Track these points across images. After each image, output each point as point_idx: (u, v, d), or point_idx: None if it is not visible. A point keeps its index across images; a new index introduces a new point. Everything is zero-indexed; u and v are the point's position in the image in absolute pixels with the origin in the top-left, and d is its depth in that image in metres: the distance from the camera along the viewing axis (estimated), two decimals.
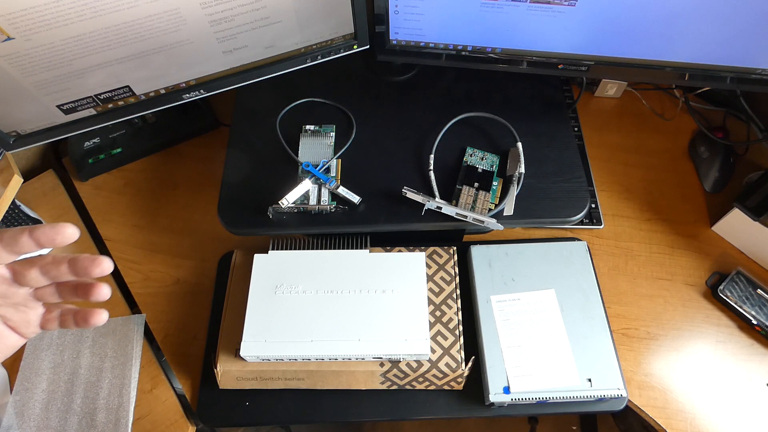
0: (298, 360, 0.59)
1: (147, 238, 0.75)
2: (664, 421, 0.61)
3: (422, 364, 0.59)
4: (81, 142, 0.80)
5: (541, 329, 0.61)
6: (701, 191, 0.77)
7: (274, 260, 0.63)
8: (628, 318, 0.68)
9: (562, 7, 0.58)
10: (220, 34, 0.61)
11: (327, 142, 0.68)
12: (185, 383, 0.65)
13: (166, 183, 0.79)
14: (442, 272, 0.65)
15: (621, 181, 0.78)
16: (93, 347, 0.66)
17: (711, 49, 0.60)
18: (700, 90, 0.84)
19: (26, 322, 0.37)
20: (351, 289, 0.61)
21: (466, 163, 0.66)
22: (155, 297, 0.71)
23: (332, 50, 0.70)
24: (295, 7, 0.62)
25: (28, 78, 0.57)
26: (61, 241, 0.33)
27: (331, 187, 0.63)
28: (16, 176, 0.66)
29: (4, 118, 0.61)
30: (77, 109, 0.64)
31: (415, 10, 0.62)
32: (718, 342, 0.66)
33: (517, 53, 0.65)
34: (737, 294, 0.67)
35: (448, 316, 0.62)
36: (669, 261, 0.72)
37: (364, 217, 0.63)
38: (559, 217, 0.63)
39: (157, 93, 0.67)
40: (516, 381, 0.58)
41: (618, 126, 0.84)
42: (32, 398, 0.62)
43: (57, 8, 0.51)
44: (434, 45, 0.67)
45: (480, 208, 0.62)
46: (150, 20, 0.56)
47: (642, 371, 0.64)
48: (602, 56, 0.64)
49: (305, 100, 0.72)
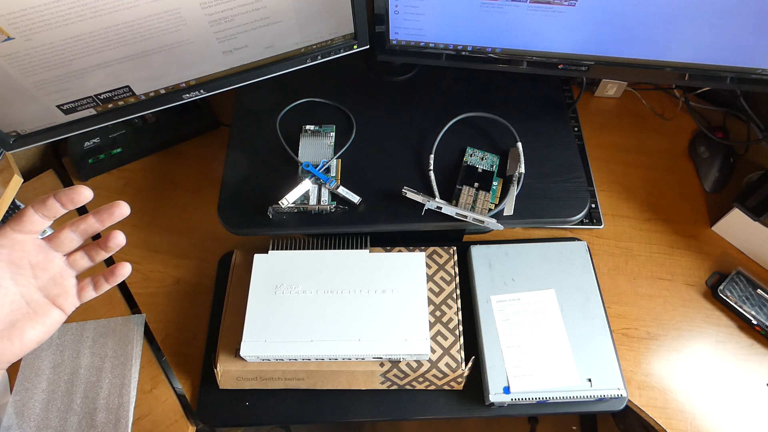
0: (298, 360, 0.59)
1: (147, 238, 0.75)
2: (664, 421, 0.61)
3: (422, 364, 0.59)
4: (81, 142, 0.80)
5: (541, 329, 0.61)
6: (701, 191, 0.77)
7: (274, 260, 0.63)
8: (628, 318, 0.68)
9: (562, 7, 0.58)
10: (220, 34, 0.61)
11: (327, 142, 0.68)
12: (185, 383, 0.65)
13: (166, 183, 0.79)
14: (442, 272, 0.65)
15: (621, 181, 0.78)
16: (93, 347, 0.66)
17: (711, 49, 0.60)
18: (700, 90, 0.84)
19: (65, 294, 0.39)
20: (351, 289, 0.61)
21: (466, 163, 0.66)
22: (155, 297, 0.71)
23: (332, 50, 0.70)
24: (295, 7, 0.62)
25: (28, 78, 0.57)
26: (78, 201, 0.37)
27: (331, 187, 0.63)
28: (16, 176, 0.66)
29: (4, 118, 0.61)
30: (77, 109, 0.64)
31: (415, 10, 0.62)
32: (718, 342, 0.66)
33: (517, 53, 0.65)
34: (737, 294, 0.67)
35: (448, 316, 0.62)
36: (669, 261, 0.72)
37: (364, 217, 0.63)
38: (559, 217, 0.63)
39: (157, 93, 0.67)
40: (516, 381, 0.58)
41: (618, 126, 0.84)
42: (32, 398, 0.62)
43: (57, 8, 0.51)
44: (434, 45, 0.67)
45: (480, 208, 0.62)
46: (150, 20, 0.56)
47: (642, 371, 0.64)
48: (602, 56, 0.64)
49: (305, 100, 0.72)
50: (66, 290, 0.39)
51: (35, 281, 0.38)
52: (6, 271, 0.37)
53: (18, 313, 0.37)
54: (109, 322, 0.68)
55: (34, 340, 0.37)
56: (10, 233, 0.37)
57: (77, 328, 0.67)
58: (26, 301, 0.37)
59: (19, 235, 0.37)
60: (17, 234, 0.37)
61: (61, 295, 0.39)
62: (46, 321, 0.38)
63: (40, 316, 0.38)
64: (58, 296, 0.39)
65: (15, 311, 0.37)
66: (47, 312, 0.38)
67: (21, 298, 0.37)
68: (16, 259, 0.37)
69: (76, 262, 0.40)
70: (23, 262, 0.37)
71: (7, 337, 0.36)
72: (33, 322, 0.37)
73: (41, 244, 0.38)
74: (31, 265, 0.38)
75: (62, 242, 0.39)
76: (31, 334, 0.37)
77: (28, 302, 0.37)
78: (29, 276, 0.38)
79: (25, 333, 0.37)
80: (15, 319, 0.37)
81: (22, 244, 0.37)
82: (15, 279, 0.37)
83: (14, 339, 0.36)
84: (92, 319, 0.68)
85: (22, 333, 0.37)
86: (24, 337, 0.37)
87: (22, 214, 0.37)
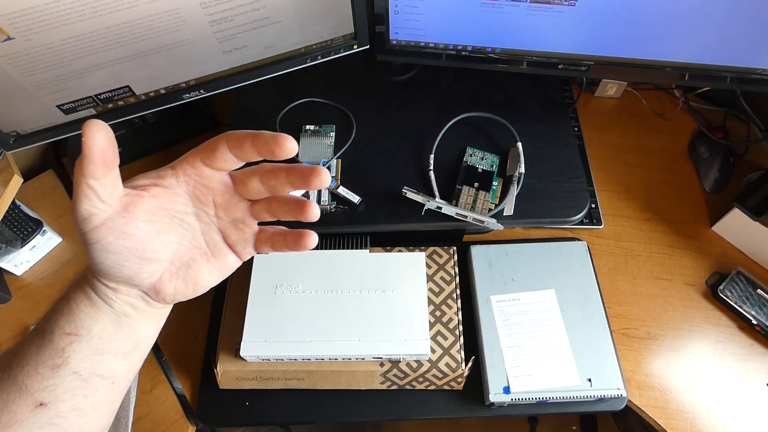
0: (298, 360, 0.59)
1: None
2: (664, 421, 0.61)
3: (422, 364, 0.59)
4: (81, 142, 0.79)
5: (541, 329, 0.61)
6: (701, 191, 0.77)
7: (274, 260, 0.63)
8: (628, 318, 0.68)
9: (562, 7, 0.58)
10: (220, 34, 0.61)
11: (327, 142, 0.68)
12: (185, 383, 0.65)
13: None
14: (442, 272, 0.65)
15: (621, 181, 0.78)
16: None
17: (711, 49, 0.60)
18: (700, 90, 0.84)
19: (243, 241, 0.35)
20: (351, 289, 0.61)
21: (466, 163, 0.66)
22: None
23: (332, 50, 0.70)
24: (295, 7, 0.62)
25: (28, 78, 0.57)
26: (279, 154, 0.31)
27: (331, 187, 0.63)
28: (16, 176, 0.66)
29: (4, 118, 0.61)
30: (77, 109, 0.64)
31: (415, 10, 0.62)
32: (718, 342, 0.66)
33: (517, 53, 0.65)
34: (737, 294, 0.67)
35: (448, 316, 0.62)
36: (669, 261, 0.72)
37: (364, 217, 0.63)
38: (559, 217, 0.63)
39: (157, 93, 0.67)
40: (516, 381, 0.58)
41: (618, 126, 0.84)
42: None
43: (57, 8, 0.51)
44: (434, 45, 0.67)
45: (480, 208, 0.62)
46: (150, 20, 0.56)
47: (642, 371, 0.64)
48: (602, 56, 0.64)
49: (305, 100, 0.72)
50: (245, 237, 0.35)
51: (217, 221, 0.34)
52: (190, 205, 0.33)
53: (195, 251, 0.34)
54: None
55: (207, 284, 0.34)
56: (199, 164, 0.33)
57: None
58: (206, 240, 0.34)
59: (206, 169, 0.33)
60: (205, 168, 0.33)
61: (240, 242, 0.35)
62: (222, 266, 0.35)
63: (217, 259, 0.35)
64: (237, 242, 0.35)
65: (193, 249, 0.34)
66: (224, 256, 0.35)
67: (201, 236, 0.34)
68: (201, 195, 0.33)
69: (259, 213, 0.35)
70: (208, 198, 0.34)
71: (182, 277, 0.33)
72: (209, 264, 0.34)
73: (228, 184, 0.34)
74: (215, 204, 0.34)
75: (249, 189, 0.34)
76: (206, 277, 0.34)
77: (207, 242, 0.34)
78: (212, 215, 0.34)
79: (200, 275, 0.34)
80: (192, 258, 0.34)
81: (209, 179, 0.34)
82: (198, 215, 0.34)
83: (188, 280, 0.33)
84: None
85: (196, 275, 0.34)
86: (198, 279, 0.34)
87: (215, 147, 0.32)
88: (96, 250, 0.29)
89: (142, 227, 0.30)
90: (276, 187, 0.33)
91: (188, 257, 0.33)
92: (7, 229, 0.68)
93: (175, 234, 0.33)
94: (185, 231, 0.33)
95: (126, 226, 0.29)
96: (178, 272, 0.33)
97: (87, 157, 0.28)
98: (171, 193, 0.32)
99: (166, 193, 0.32)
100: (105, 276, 0.31)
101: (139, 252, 0.30)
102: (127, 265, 0.30)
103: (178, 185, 0.33)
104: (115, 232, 0.29)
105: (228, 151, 0.32)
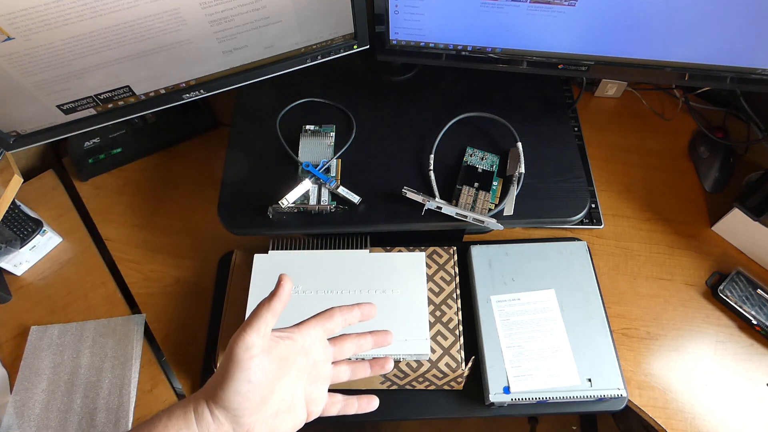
0: None
1: (147, 238, 0.75)
2: (664, 421, 0.61)
3: (422, 364, 0.59)
4: (81, 142, 0.80)
5: (541, 329, 0.61)
6: (701, 191, 0.77)
7: (274, 260, 0.63)
8: (628, 318, 0.68)
9: (562, 7, 0.58)
10: (220, 34, 0.61)
11: (327, 142, 0.68)
12: (185, 383, 0.65)
13: (166, 183, 0.79)
14: (442, 272, 0.65)
15: (621, 181, 0.78)
16: (93, 347, 0.66)
17: (711, 49, 0.60)
18: (700, 90, 0.84)
19: (317, 401, 0.40)
20: (351, 289, 0.61)
21: (466, 163, 0.66)
22: (155, 297, 0.71)
23: (332, 50, 0.70)
24: (295, 7, 0.62)
25: (28, 78, 0.57)
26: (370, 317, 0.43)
27: (331, 187, 0.63)
28: (16, 176, 0.66)
29: (4, 118, 0.61)
30: (77, 109, 0.64)
31: (415, 10, 0.62)
32: (718, 342, 0.66)
33: (517, 53, 0.65)
34: (737, 294, 0.67)
35: (448, 316, 0.62)
36: (669, 261, 0.72)
37: (364, 217, 0.63)
38: (559, 217, 0.63)
39: (157, 93, 0.67)
40: (516, 381, 0.58)
41: (618, 126, 0.84)
42: (32, 398, 0.62)
43: (57, 8, 0.51)
44: (434, 45, 0.67)
45: (480, 208, 0.62)
46: (150, 20, 0.56)
47: (642, 371, 0.64)
48: (602, 56, 0.64)
49: (305, 100, 0.72)
50: (318, 398, 0.40)
51: (307, 381, 0.40)
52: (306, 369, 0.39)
53: (284, 404, 0.38)
54: (109, 322, 0.68)
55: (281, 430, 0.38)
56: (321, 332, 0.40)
57: (77, 328, 0.67)
58: (294, 395, 0.39)
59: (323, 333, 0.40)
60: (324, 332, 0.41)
61: (314, 401, 0.40)
62: (296, 420, 0.39)
63: (296, 413, 0.39)
64: (312, 401, 0.40)
65: (285, 400, 0.38)
66: (300, 412, 0.39)
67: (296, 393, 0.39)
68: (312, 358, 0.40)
69: (339, 374, 0.42)
70: (312, 359, 0.40)
71: (270, 425, 0.37)
72: (287, 416, 0.38)
73: (328, 348, 0.41)
74: (311, 364, 0.40)
75: (344, 352, 0.41)
76: (283, 427, 0.38)
77: (292, 395, 0.39)
78: (307, 374, 0.40)
79: (279, 425, 0.37)
80: (280, 410, 0.38)
81: (322, 343, 0.40)
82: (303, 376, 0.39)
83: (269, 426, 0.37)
84: (92, 319, 0.68)
85: (276, 424, 0.37)
86: (277, 427, 0.37)
87: (332, 315, 0.41)
88: (242, 378, 0.34)
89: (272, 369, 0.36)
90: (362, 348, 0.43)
91: (278, 409, 0.37)
92: (7, 229, 0.68)
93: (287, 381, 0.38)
94: (292, 388, 0.39)
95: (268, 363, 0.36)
96: (266, 420, 0.37)
97: (278, 297, 0.37)
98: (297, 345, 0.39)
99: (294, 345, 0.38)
100: (225, 403, 0.34)
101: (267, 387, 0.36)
102: (251, 398, 0.35)
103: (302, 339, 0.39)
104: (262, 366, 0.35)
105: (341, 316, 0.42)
